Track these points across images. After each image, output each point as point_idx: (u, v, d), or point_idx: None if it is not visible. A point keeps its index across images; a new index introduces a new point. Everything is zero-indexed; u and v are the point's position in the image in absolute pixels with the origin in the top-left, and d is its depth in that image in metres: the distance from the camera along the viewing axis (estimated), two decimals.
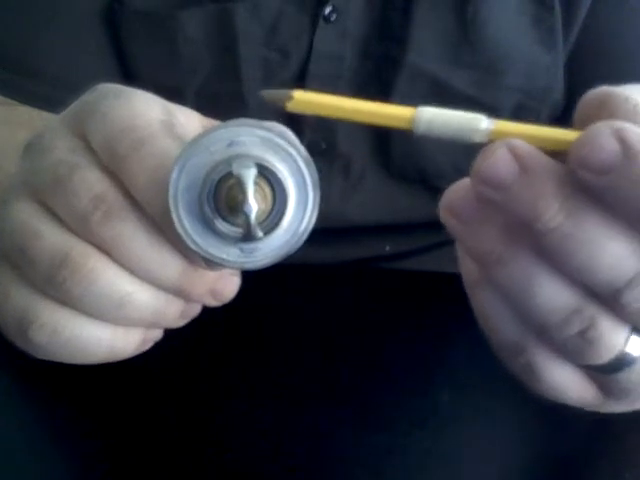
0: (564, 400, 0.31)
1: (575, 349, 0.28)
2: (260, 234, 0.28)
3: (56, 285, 0.30)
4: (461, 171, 0.62)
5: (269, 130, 0.28)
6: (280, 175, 0.28)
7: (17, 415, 0.41)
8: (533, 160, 0.26)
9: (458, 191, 0.29)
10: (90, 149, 0.30)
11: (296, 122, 0.57)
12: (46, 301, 0.31)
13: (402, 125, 0.28)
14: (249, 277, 0.32)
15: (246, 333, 0.47)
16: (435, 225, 0.63)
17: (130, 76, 0.57)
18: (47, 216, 0.30)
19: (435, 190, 0.60)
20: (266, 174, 0.28)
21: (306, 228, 0.29)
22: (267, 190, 0.28)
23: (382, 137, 0.58)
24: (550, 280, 0.27)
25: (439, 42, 0.56)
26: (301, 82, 0.57)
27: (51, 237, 0.30)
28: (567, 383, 0.30)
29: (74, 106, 0.32)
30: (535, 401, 0.32)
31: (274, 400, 0.42)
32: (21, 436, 0.39)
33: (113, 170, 0.30)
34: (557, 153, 0.27)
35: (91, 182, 0.29)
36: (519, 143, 0.27)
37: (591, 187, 0.26)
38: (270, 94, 0.29)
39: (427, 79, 0.56)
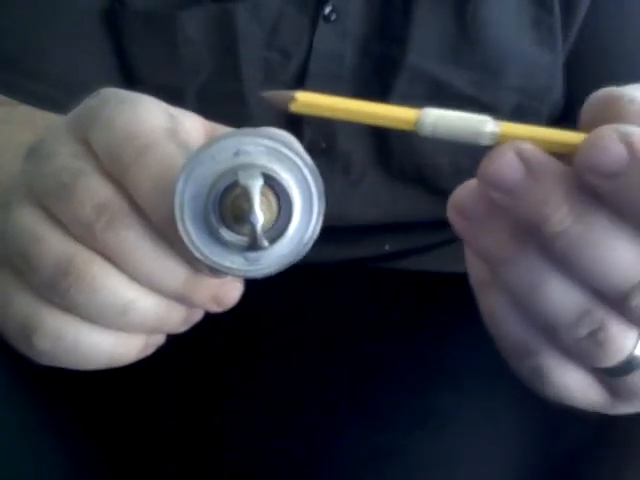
0: (572, 403, 0.31)
1: (584, 351, 0.28)
2: (265, 243, 0.28)
3: (59, 292, 0.30)
4: (461, 170, 0.62)
5: (275, 139, 0.28)
6: (286, 185, 0.28)
7: (17, 416, 0.41)
8: (540, 163, 0.26)
9: (466, 191, 0.29)
10: (93, 155, 0.30)
11: (296, 122, 0.57)
12: (49, 308, 0.31)
13: (406, 127, 0.28)
14: (250, 280, 0.32)
15: (246, 333, 0.47)
16: (435, 225, 0.63)
17: (131, 76, 0.57)
18: (50, 222, 0.30)
19: (435, 190, 0.60)
20: (272, 183, 0.28)
21: (311, 237, 0.29)
22: (272, 199, 0.28)
23: (382, 137, 0.58)
24: (559, 281, 0.27)
25: (439, 42, 0.56)
26: (301, 82, 0.57)
27: (54, 243, 0.30)
28: (575, 386, 0.30)
29: (77, 110, 0.32)
30: (535, 401, 0.32)
31: (274, 400, 0.43)
32: (21, 436, 0.39)
33: (117, 177, 0.30)
34: (564, 155, 0.27)
35: (95, 189, 0.29)
36: (526, 146, 0.27)
37: (598, 191, 0.26)
38: (272, 95, 0.28)
39: (427, 79, 0.56)
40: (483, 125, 0.27)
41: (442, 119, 0.27)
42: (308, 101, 0.28)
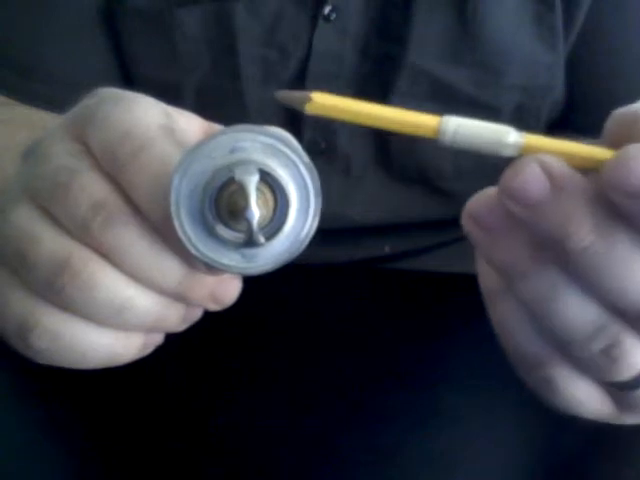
0: (579, 413, 0.31)
1: (597, 366, 0.28)
2: (262, 240, 0.28)
3: (56, 291, 0.30)
4: (462, 171, 0.62)
5: (271, 136, 0.28)
6: (282, 181, 0.28)
7: (17, 415, 0.41)
8: (565, 178, 0.26)
9: (483, 200, 0.28)
10: (90, 154, 0.30)
11: (296, 122, 0.57)
12: (46, 306, 0.30)
13: (426, 134, 0.27)
14: (249, 279, 0.31)
15: (246, 335, 0.47)
16: (436, 225, 0.63)
17: (129, 74, 0.57)
18: (47, 221, 0.30)
19: (436, 190, 0.60)
20: (268, 180, 0.28)
21: (307, 234, 0.29)
22: (269, 196, 0.28)
23: (382, 136, 0.58)
24: (577, 297, 0.27)
25: (439, 41, 0.56)
26: (301, 82, 0.57)
27: (51, 242, 0.30)
28: (584, 397, 0.30)
29: (74, 110, 0.32)
30: (536, 402, 0.32)
31: (274, 401, 0.43)
32: (20, 436, 0.39)
33: (113, 176, 0.29)
34: (588, 169, 0.26)
35: (91, 188, 0.29)
36: (551, 159, 0.26)
37: (622, 209, 0.25)
38: (287, 96, 0.28)
39: (427, 78, 0.56)
40: (506, 135, 0.26)
41: (463, 127, 0.26)
42: (325, 103, 0.27)
